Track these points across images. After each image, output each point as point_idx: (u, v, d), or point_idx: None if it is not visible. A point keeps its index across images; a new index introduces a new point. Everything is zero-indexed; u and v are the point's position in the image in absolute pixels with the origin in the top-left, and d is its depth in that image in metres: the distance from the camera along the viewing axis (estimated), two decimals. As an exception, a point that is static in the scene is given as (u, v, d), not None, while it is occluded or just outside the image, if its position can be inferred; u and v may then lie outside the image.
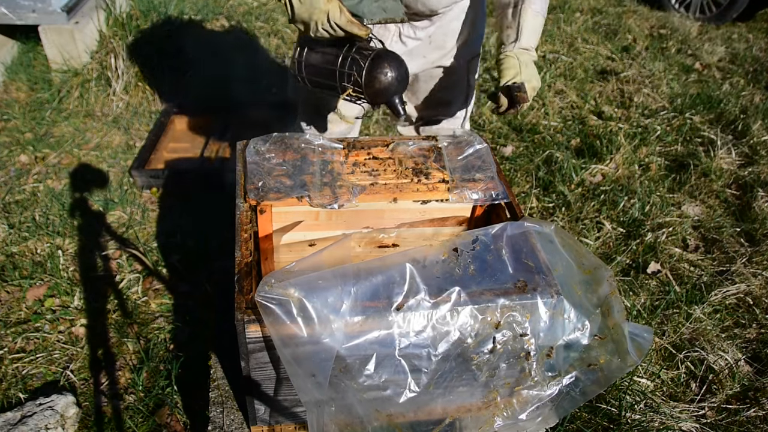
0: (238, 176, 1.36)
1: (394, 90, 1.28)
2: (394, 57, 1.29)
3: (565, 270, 1.18)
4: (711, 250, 2.53)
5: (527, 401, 1.20)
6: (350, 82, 1.27)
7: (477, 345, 1.10)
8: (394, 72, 1.27)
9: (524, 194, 2.81)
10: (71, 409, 1.80)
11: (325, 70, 1.30)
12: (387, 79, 1.26)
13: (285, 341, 1.02)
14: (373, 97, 1.29)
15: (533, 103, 3.51)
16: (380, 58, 1.26)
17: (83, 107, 3.39)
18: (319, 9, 1.19)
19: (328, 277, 1.05)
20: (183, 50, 3.73)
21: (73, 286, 2.26)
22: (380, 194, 1.34)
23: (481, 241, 1.20)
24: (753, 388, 1.94)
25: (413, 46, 1.63)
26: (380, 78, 1.26)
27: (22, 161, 2.96)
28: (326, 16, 1.20)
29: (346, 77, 1.27)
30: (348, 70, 1.26)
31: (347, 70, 1.26)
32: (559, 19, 4.67)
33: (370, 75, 1.25)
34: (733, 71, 4.09)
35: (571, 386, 1.19)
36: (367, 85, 1.26)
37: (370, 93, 1.28)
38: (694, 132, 3.31)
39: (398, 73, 1.28)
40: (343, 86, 1.28)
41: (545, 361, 1.16)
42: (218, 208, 2.68)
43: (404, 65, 1.31)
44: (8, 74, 3.64)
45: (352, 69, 1.26)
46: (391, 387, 1.11)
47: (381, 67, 1.25)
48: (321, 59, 1.31)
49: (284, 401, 1.26)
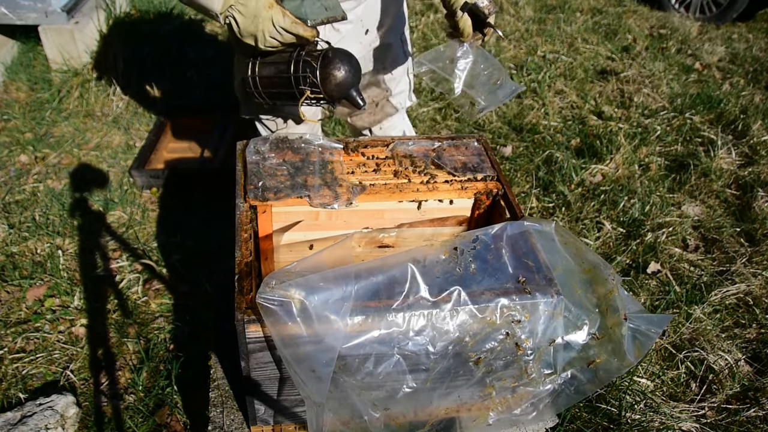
0: (238, 176, 1.36)
1: (350, 83, 1.31)
2: (343, 52, 1.32)
3: (565, 269, 1.18)
4: (711, 250, 2.54)
5: (522, 397, 1.20)
6: (306, 84, 1.30)
7: (476, 344, 1.11)
8: (346, 65, 1.30)
9: (524, 194, 2.81)
10: (71, 409, 1.80)
11: (280, 78, 1.33)
12: (341, 73, 1.29)
13: (286, 342, 1.02)
14: (331, 93, 1.31)
15: (533, 103, 3.51)
16: (330, 55, 1.29)
17: (83, 107, 3.39)
18: (263, 17, 1.22)
19: (328, 277, 1.05)
20: (183, 50, 3.74)
21: (73, 286, 2.26)
22: (380, 194, 1.34)
23: (482, 240, 1.20)
24: (753, 388, 1.94)
25: (346, 31, 1.62)
26: (334, 74, 1.29)
27: (22, 161, 2.96)
28: (270, 22, 1.23)
29: (301, 80, 1.30)
30: (302, 73, 1.29)
31: (301, 73, 1.29)
32: (559, 19, 4.67)
33: (324, 72, 1.28)
34: (733, 71, 4.09)
35: (566, 384, 1.20)
36: (323, 83, 1.29)
37: (327, 90, 1.31)
38: (694, 132, 3.31)
39: (350, 65, 1.31)
40: (301, 90, 1.31)
41: (543, 359, 1.16)
42: (218, 207, 2.68)
43: (354, 58, 1.34)
44: (8, 74, 3.65)
45: (306, 71, 1.29)
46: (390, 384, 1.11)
47: (333, 63, 1.29)
48: (273, 70, 1.33)
49: (284, 401, 1.27)
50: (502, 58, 4.01)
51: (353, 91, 1.34)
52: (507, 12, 4.81)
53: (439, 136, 1.53)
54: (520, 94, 3.61)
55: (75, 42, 3.47)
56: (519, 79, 3.75)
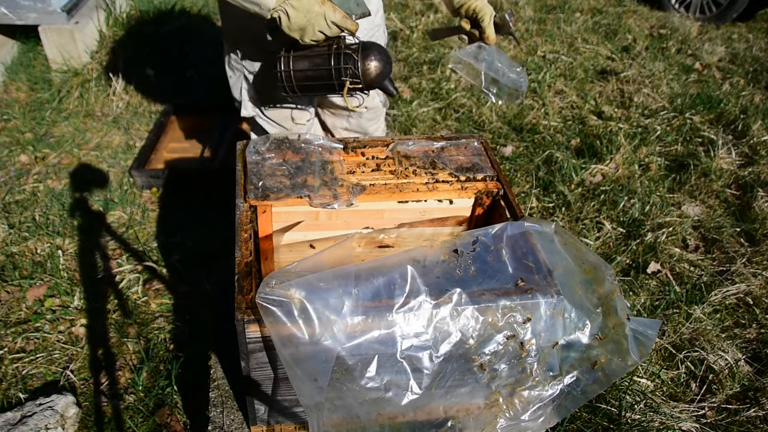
0: (238, 176, 1.36)
1: (386, 73, 1.42)
2: (377, 45, 1.42)
3: (566, 270, 1.18)
4: (711, 250, 2.54)
5: (529, 401, 1.20)
6: (347, 75, 1.37)
7: (478, 346, 1.10)
8: (383, 57, 1.40)
9: (524, 194, 2.81)
10: (71, 409, 1.80)
11: (316, 71, 1.39)
12: (379, 64, 1.39)
13: (285, 342, 1.02)
14: (370, 83, 1.40)
15: (533, 103, 3.51)
16: (368, 48, 1.38)
17: (83, 107, 3.39)
18: (316, 12, 1.28)
19: (329, 278, 1.05)
20: (183, 50, 3.74)
21: (73, 286, 2.26)
22: (380, 194, 1.34)
23: (482, 241, 1.20)
24: (753, 388, 1.94)
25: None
26: (373, 65, 1.38)
27: (22, 161, 2.96)
28: (323, 17, 1.29)
29: (342, 72, 1.36)
30: (344, 65, 1.35)
31: (343, 65, 1.36)
32: (559, 19, 4.67)
33: (364, 64, 1.37)
34: (733, 71, 4.09)
35: (573, 386, 1.19)
36: (363, 74, 1.38)
37: (367, 81, 1.39)
38: (694, 132, 3.31)
39: (386, 57, 1.42)
40: (341, 81, 1.38)
41: (546, 361, 1.15)
42: (218, 207, 2.68)
43: (386, 50, 1.44)
44: (8, 74, 3.65)
45: (347, 63, 1.35)
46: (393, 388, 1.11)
47: (372, 56, 1.38)
48: (309, 63, 1.39)
49: (284, 401, 1.26)
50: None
51: (387, 81, 1.44)
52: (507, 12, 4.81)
53: (439, 136, 1.53)
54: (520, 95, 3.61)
55: (75, 42, 3.47)
56: (519, 79, 3.75)
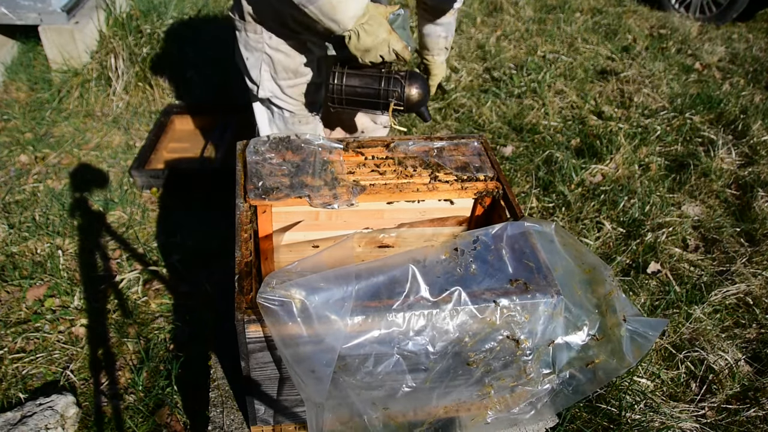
0: (238, 176, 1.36)
1: (424, 100, 1.61)
2: (421, 76, 1.61)
3: (565, 270, 1.18)
4: (711, 250, 2.54)
5: (520, 396, 1.21)
6: (393, 97, 1.54)
7: (476, 344, 1.11)
8: (425, 86, 1.60)
9: (524, 194, 2.81)
10: (71, 409, 1.80)
11: (365, 89, 1.55)
12: (421, 92, 1.58)
13: (286, 342, 1.02)
14: (411, 107, 1.59)
15: (533, 103, 3.51)
16: (414, 77, 1.57)
17: (83, 107, 3.39)
18: (383, 39, 1.44)
19: (329, 277, 1.05)
20: (183, 50, 3.73)
21: (73, 286, 2.26)
22: (380, 194, 1.34)
23: (482, 241, 1.20)
24: (753, 388, 1.94)
25: None
26: (416, 92, 1.57)
27: (22, 161, 2.96)
28: (387, 44, 1.45)
29: (390, 94, 1.54)
30: (393, 88, 1.53)
31: (392, 88, 1.53)
32: (559, 19, 4.67)
33: (410, 91, 1.56)
34: (733, 71, 4.09)
35: (565, 384, 1.20)
36: (407, 98, 1.56)
37: (409, 104, 1.57)
38: (694, 132, 3.31)
39: (426, 87, 1.61)
40: (387, 102, 1.55)
41: (541, 359, 1.16)
42: (218, 207, 2.68)
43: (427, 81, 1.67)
44: (8, 74, 3.65)
45: (396, 87, 1.53)
46: (390, 384, 1.11)
47: (416, 83, 1.57)
48: (360, 81, 1.55)
49: (284, 401, 1.26)
50: (502, 58, 4.01)
51: (424, 108, 1.63)
52: (507, 12, 4.81)
53: (439, 136, 1.54)
54: (520, 94, 3.61)
55: (75, 42, 3.47)
56: (519, 79, 3.75)
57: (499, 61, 3.96)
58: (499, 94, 3.61)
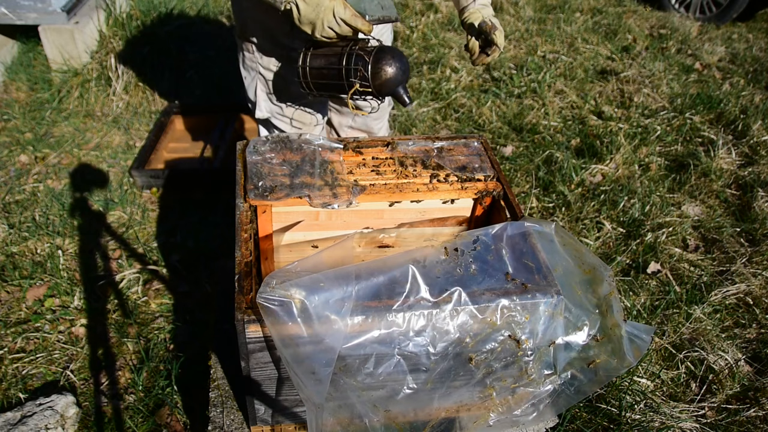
0: (238, 176, 1.36)
1: (399, 80, 1.35)
2: (395, 50, 1.36)
3: (565, 270, 1.18)
4: (711, 250, 2.54)
5: (522, 398, 1.20)
6: (357, 77, 1.33)
7: (476, 344, 1.11)
8: (397, 62, 1.34)
9: (524, 194, 2.81)
10: (71, 409, 1.80)
11: (330, 70, 1.36)
12: (392, 69, 1.33)
13: (286, 342, 1.02)
14: (380, 89, 1.35)
15: (533, 103, 3.51)
16: (383, 51, 1.34)
17: (83, 107, 3.39)
18: (325, 6, 1.27)
19: (329, 277, 1.05)
20: (183, 50, 3.73)
21: (73, 286, 2.26)
22: (380, 194, 1.34)
23: (482, 241, 1.20)
24: (753, 388, 1.94)
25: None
26: (386, 69, 1.33)
27: (22, 161, 2.96)
28: (332, 12, 1.28)
29: (352, 73, 1.33)
30: (354, 66, 1.32)
31: (353, 66, 1.32)
32: (559, 19, 4.67)
33: (376, 68, 1.32)
34: (733, 71, 4.09)
35: (567, 385, 1.20)
36: (373, 77, 1.33)
37: (376, 85, 1.34)
38: (694, 132, 3.31)
39: (401, 63, 1.35)
40: (351, 82, 1.35)
41: (543, 359, 1.16)
42: (218, 207, 2.68)
43: (404, 57, 1.38)
44: (8, 74, 3.64)
45: (357, 64, 1.32)
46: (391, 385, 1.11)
47: (385, 59, 1.33)
48: (324, 61, 1.37)
49: (284, 401, 1.26)
50: (503, 58, 4.01)
51: (401, 89, 1.37)
52: (507, 12, 4.81)
53: (439, 136, 1.53)
54: (520, 94, 3.61)
55: (75, 42, 3.47)
56: (519, 79, 3.75)
57: (499, 61, 3.96)
58: (499, 94, 3.61)
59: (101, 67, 3.49)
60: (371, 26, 1.31)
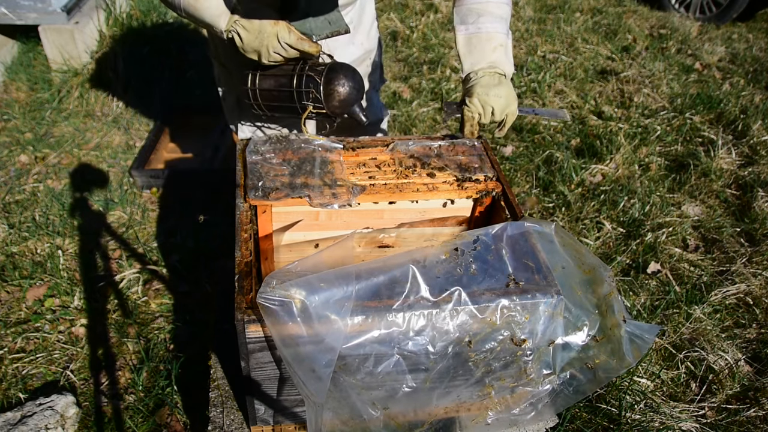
0: (238, 176, 1.36)
1: (353, 99, 1.31)
2: (347, 67, 1.31)
3: (565, 270, 1.18)
4: (711, 250, 2.54)
5: (521, 397, 1.21)
6: (309, 99, 1.29)
7: (476, 344, 1.11)
8: (350, 81, 1.30)
9: (524, 194, 2.81)
10: (71, 409, 1.80)
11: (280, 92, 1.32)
12: (345, 89, 1.29)
13: (286, 342, 1.02)
14: (334, 109, 1.31)
15: (533, 104, 3.51)
16: (334, 70, 1.29)
17: (83, 107, 3.39)
18: (268, 33, 1.22)
19: (329, 277, 1.05)
20: (183, 50, 3.73)
21: (73, 286, 2.26)
22: (380, 194, 1.34)
23: (482, 241, 1.20)
24: (753, 388, 1.94)
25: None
26: (338, 89, 1.28)
27: (22, 161, 2.96)
28: (276, 38, 1.23)
29: (304, 95, 1.29)
30: (305, 88, 1.28)
31: (304, 89, 1.28)
32: (559, 19, 4.67)
33: (328, 89, 1.28)
34: (733, 71, 4.09)
35: (565, 384, 1.20)
36: (326, 99, 1.29)
37: (330, 106, 1.30)
38: (694, 132, 3.31)
39: (354, 82, 1.30)
40: (303, 105, 1.30)
41: (542, 359, 1.16)
42: (218, 208, 2.68)
43: (358, 74, 1.33)
44: (8, 74, 3.64)
45: (309, 86, 1.28)
46: (390, 384, 1.11)
47: (337, 79, 1.28)
48: (274, 83, 1.32)
49: (284, 401, 1.26)
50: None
51: (356, 107, 1.33)
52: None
53: (439, 136, 1.53)
54: (520, 94, 3.61)
55: (75, 42, 3.47)
56: (519, 79, 3.75)
57: (499, 61, 3.96)
58: (499, 94, 3.60)
59: (101, 67, 3.49)
60: (319, 47, 1.27)
